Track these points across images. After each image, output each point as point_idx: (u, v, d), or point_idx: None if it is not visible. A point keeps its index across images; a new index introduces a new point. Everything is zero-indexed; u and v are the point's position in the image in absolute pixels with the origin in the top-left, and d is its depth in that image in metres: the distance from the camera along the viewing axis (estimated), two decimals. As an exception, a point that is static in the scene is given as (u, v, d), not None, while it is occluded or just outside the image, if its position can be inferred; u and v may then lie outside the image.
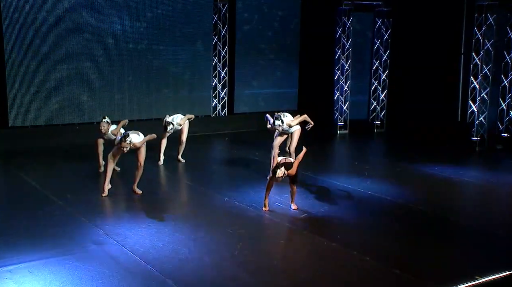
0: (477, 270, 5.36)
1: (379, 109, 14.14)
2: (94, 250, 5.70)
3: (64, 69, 11.43)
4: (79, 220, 6.61)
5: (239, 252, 5.73)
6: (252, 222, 6.81)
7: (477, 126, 11.62)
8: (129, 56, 12.18)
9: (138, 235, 6.17)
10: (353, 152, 12.32)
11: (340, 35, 13.40)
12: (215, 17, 13.27)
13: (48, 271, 5.18)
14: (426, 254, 5.84)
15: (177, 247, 5.91)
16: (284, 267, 5.60)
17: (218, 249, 5.86)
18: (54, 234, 6.14)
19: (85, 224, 6.46)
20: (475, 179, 9.37)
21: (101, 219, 6.72)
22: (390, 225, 6.82)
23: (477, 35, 11.36)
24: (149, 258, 5.51)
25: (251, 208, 7.24)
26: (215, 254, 5.71)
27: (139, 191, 7.69)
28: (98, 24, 11.70)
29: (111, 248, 5.78)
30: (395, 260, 5.64)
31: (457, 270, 5.48)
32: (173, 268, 5.34)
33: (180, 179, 8.95)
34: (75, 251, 5.64)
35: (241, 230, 6.40)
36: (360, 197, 7.99)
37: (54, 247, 5.73)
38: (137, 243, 5.92)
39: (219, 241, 6.09)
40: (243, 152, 11.18)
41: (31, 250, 5.63)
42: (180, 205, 7.73)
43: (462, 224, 6.92)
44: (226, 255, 5.68)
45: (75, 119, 11.68)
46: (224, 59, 13.60)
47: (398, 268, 5.39)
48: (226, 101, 13.88)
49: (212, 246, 5.94)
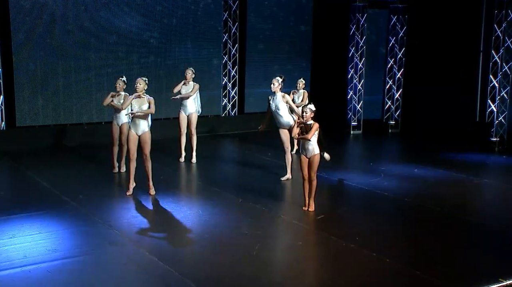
0: (500, 272, 5.47)
1: (394, 108, 14.25)
2: (111, 251, 5.87)
3: (72, 68, 11.63)
4: (93, 220, 6.78)
5: (257, 253, 5.88)
6: (268, 223, 6.96)
7: (497, 127, 11.71)
8: (139, 55, 12.38)
9: (153, 235, 6.34)
10: (368, 153, 12.43)
11: (354, 33, 13.53)
12: (225, 14, 13.44)
13: (66, 271, 5.35)
14: (447, 256, 5.97)
15: (194, 247, 6.07)
16: (303, 268, 5.74)
17: (235, 249, 6.01)
18: (70, 235, 6.31)
19: (100, 225, 6.63)
20: (495, 180, 9.48)
21: (116, 220, 6.89)
22: (409, 226, 6.95)
23: (497, 32, 11.45)
24: (167, 258, 5.66)
25: (266, 209, 7.39)
26: (232, 255, 5.86)
27: (153, 192, 7.85)
28: (107, 23, 11.91)
29: (128, 249, 5.95)
30: (415, 261, 5.77)
31: (479, 271, 5.60)
32: (191, 268, 5.49)
33: (192, 180, 9.13)
34: (92, 252, 5.81)
35: (258, 231, 6.54)
36: (377, 198, 8.12)
37: (71, 248, 5.91)
38: (154, 244, 6.08)
39: (236, 241, 6.24)
40: (255, 152, 11.33)
41: (48, 251, 5.79)
42: (194, 206, 7.87)
43: (482, 225, 7.04)
44: (243, 255, 5.82)
45: (83, 119, 11.87)
46: (235, 58, 13.77)
47: (419, 269, 5.52)
48: (236, 100, 14.04)
49: (229, 247, 6.09)
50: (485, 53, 12.23)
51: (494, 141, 11.70)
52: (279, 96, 8.48)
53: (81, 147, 11.18)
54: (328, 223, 6.95)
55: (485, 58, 12.19)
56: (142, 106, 7.59)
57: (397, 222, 7.17)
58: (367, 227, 6.91)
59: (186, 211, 7.42)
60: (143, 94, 7.63)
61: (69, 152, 10.91)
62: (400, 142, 13.55)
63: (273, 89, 8.50)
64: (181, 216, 7.17)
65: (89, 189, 8.14)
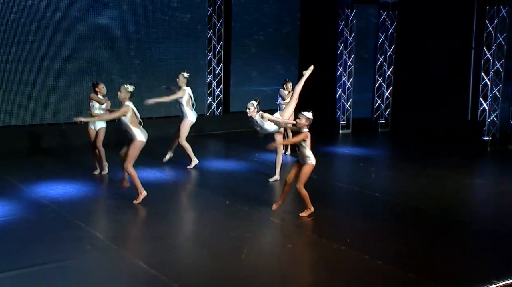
0: (492, 273, 5.60)
1: (384, 107, 14.42)
2: (94, 256, 5.88)
3: (49, 66, 11.58)
4: (75, 224, 6.78)
5: (246, 256, 5.94)
6: (257, 225, 7.03)
7: (489, 125, 11.91)
8: (119, 51, 12.36)
9: (139, 239, 6.37)
10: (357, 152, 12.55)
11: (343, 29, 13.67)
12: (209, 10, 13.48)
13: (47, 277, 5.36)
14: (439, 257, 6.08)
15: (180, 251, 6.12)
16: (294, 271, 5.81)
17: (224, 253, 6.06)
18: (51, 239, 6.30)
19: (82, 229, 6.63)
20: (487, 180, 9.66)
21: (99, 223, 6.92)
22: (401, 228, 7.06)
23: (489, 28, 11.66)
24: (153, 262, 5.69)
25: (254, 211, 7.45)
26: (221, 258, 5.91)
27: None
28: (86, 20, 11.87)
29: (112, 253, 5.96)
30: (408, 263, 5.87)
31: (472, 273, 5.72)
32: (178, 272, 5.53)
33: (179, 182, 9.14)
34: (74, 257, 5.81)
35: (246, 234, 6.61)
36: (368, 199, 8.23)
37: (53, 253, 5.89)
38: (139, 248, 6.12)
39: (224, 245, 6.29)
40: (241, 152, 11.40)
41: (28, 256, 5.78)
42: (181, 209, 7.93)
43: (475, 226, 7.18)
44: (232, 259, 5.87)
45: (61, 118, 11.83)
46: (220, 55, 13.81)
47: (412, 271, 5.62)
48: (221, 99, 14.09)
49: (217, 250, 6.14)
50: (476, 50, 12.44)
51: (486, 140, 11.90)
52: (258, 118, 8.37)
53: (59, 148, 11.14)
54: (319, 224, 7.03)
55: (476, 55, 12.40)
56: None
57: (388, 223, 7.28)
58: (358, 228, 7.00)
59: (172, 214, 7.45)
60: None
61: (47, 152, 10.86)
62: (390, 141, 13.70)
63: (249, 114, 8.30)
64: (166, 219, 7.20)
65: (69, 192, 8.13)
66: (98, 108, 9.01)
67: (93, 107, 9.02)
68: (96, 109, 9.00)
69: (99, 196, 8.10)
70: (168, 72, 13.04)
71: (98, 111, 9.00)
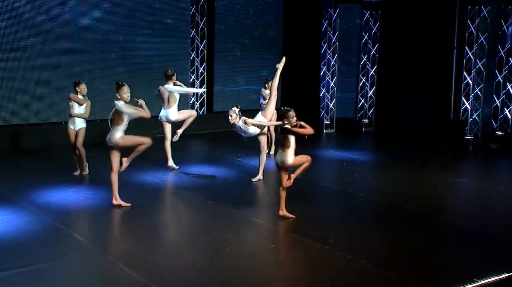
0: (475, 272, 5.63)
1: (367, 107, 14.47)
2: (74, 258, 5.80)
3: (30, 65, 11.43)
4: (55, 226, 6.69)
5: (228, 257, 5.90)
6: (240, 226, 6.99)
7: (471, 125, 12.00)
8: (100, 50, 12.24)
9: (120, 241, 6.30)
10: (341, 152, 12.57)
11: (326, 28, 13.69)
12: (192, 9, 13.41)
13: (25, 281, 5.27)
14: (422, 256, 6.10)
15: (162, 252, 6.06)
16: (277, 272, 5.79)
17: (205, 254, 6.02)
18: (30, 241, 6.20)
19: (62, 231, 6.54)
20: (469, 179, 9.73)
21: (79, 225, 6.83)
22: (384, 227, 7.08)
23: (470, 28, 11.75)
24: (134, 264, 5.63)
25: (237, 211, 7.42)
26: (203, 259, 5.87)
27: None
28: (68, 17, 11.75)
29: (93, 255, 5.89)
30: (391, 262, 5.88)
31: (454, 272, 5.74)
32: (159, 274, 5.47)
33: (161, 183, 9.07)
34: (53, 259, 5.73)
35: (229, 234, 6.57)
36: (351, 198, 8.25)
37: (31, 255, 5.80)
38: (120, 249, 6.05)
39: (206, 245, 6.25)
40: (224, 152, 11.36)
41: (5, 259, 5.69)
42: (163, 210, 7.86)
43: (457, 225, 7.22)
44: (214, 260, 5.84)
45: (42, 118, 11.69)
46: (203, 54, 13.76)
47: (395, 270, 5.63)
48: (204, 99, 14.03)
49: (199, 251, 6.10)
50: (459, 50, 12.54)
51: (468, 139, 12.00)
52: (241, 124, 8.24)
53: (40, 148, 10.99)
54: (302, 224, 7.01)
55: (459, 55, 12.49)
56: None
57: (372, 223, 7.29)
58: (341, 228, 7.01)
59: (154, 215, 7.38)
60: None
61: (27, 153, 10.72)
62: (374, 141, 13.76)
63: (232, 121, 8.15)
64: (148, 220, 7.13)
65: (48, 193, 8.03)
66: (78, 108, 8.90)
67: (72, 107, 8.91)
68: (75, 110, 8.89)
69: (79, 197, 7.99)
70: (151, 73, 12.98)
71: (77, 111, 8.90)
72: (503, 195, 8.73)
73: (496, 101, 12.14)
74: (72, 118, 8.92)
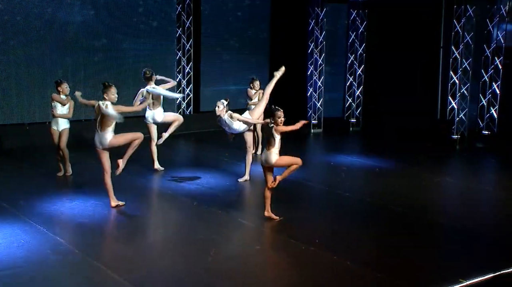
0: (460, 272, 5.60)
1: (355, 106, 14.45)
2: (54, 261, 5.69)
3: (12, 64, 11.28)
4: (35, 228, 6.57)
5: (213, 259, 5.83)
6: (224, 227, 6.92)
7: (457, 124, 12.03)
8: (84, 49, 12.11)
9: (102, 243, 6.20)
10: (328, 152, 12.55)
11: (313, 28, 13.65)
12: (178, 8, 13.31)
13: (3, 285, 5.16)
14: (408, 257, 6.07)
15: (146, 254, 5.97)
16: (262, 273, 5.72)
17: (190, 256, 5.94)
18: (8, 244, 6.08)
19: (42, 233, 6.43)
20: (456, 179, 9.73)
21: (60, 227, 6.71)
22: (370, 227, 7.04)
23: (457, 27, 11.77)
24: (117, 267, 5.54)
25: (223, 212, 7.35)
26: (187, 262, 5.79)
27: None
28: (50, 16, 11.60)
29: (74, 258, 5.78)
30: (377, 263, 5.84)
31: (440, 272, 5.71)
32: (143, 277, 5.39)
33: (145, 183, 8.97)
34: (33, 262, 5.62)
35: (214, 235, 6.50)
36: (338, 199, 8.20)
37: (9, 259, 5.68)
38: (102, 252, 5.95)
39: (191, 247, 6.17)
40: (211, 152, 11.28)
41: (-16, 261, 5.58)
42: (147, 211, 7.75)
43: (443, 225, 7.20)
44: (199, 262, 5.76)
45: (24, 118, 11.53)
46: (189, 54, 13.66)
47: (380, 271, 5.59)
48: (191, 98, 13.94)
49: (183, 253, 6.02)
50: (445, 49, 12.57)
51: (455, 139, 12.02)
52: (226, 118, 8.21)
53: (22, 149, 10.84)
54: (287, 225, 6.95)
55: (445, 54, 12.52)
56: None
57: (358, 223, 7.24)
58: (327, 229, 6.96)
59: (138, 216, 7.28)
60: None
61: (9, 154, 10.56)
62: (362, 141, 13.74)
63: (218, 113, 8.11)
64: (132, 221, 7.05)
65: (30, 194, 7.90)
66: (61, 108, 8.77)
67: (55, 108, 8.78)
68: (58, 110, 8.77)
69: (62, 198, 7.86)
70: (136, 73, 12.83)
71: (60, 111, 8.77)
72: (489, 195, 8.73)
73: (483, 100, 12.18)
74: (56, 118, 8.78)
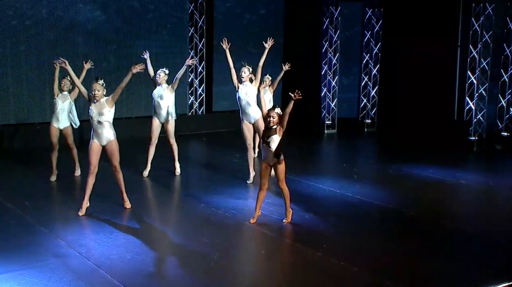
0: (474, 281, 5.38)
1: (370, 106, 14.19)
2: (54, 263, 5.59)
3: (22, 65, 11.26)
4: (38, 230, 6.49)
5: (216, 263, 5.67)
6: (230, 230, 6.76)
7: (475, 125, 11.71)
8: (95, 49, 12.03)
9: (104, 246, 6.07)
10: (342, 153, 12.35)
11: (327, 27, 13.42)
12: (191, 6, 13.19)
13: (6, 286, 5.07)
14: (419, 264, 5.84)
15: (147, 259, 5.83)
16: (265, 279, 5.55)
17: (192, 260, 5.80)
18: (10, 245, 6.01)
19: (45, 235, 6.35)
20: (473, 182, 9.44)
21: (64, 229, 6.61)
22: (381, 232, 6.82)
23: (475, 26, 11.45)
24: (116, 272, 5.41)
25: (229, 215, 7.20)
26: (189, 266, 5.65)
27: (128, 205, 7.35)
28: (59, 16, 11.54)
29: (74, 261, 5.67)
30: (386, 270, 5.63)
31: (453, 280, 5.48)
32: (143, 283, 5.26)
33: (153, 184, 8.84)
34: (33, 264, 5.52)
35: (218, 239, 6.34)
36: (348, 202, 7.98)
37: (10, 261, 5.60)
38: (103, 255, 5.82)
39: (194, 251, 6.03)
40: (222, 153, 11.14)
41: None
42: (152, 213, 7.63)
43: (458, 230, 6.93)
44: (201, 267, 5.62)
45: (35, 118, 11.50)
46: (201, 53, 13.53)
47: (390, 279, 5.38)
48: (203, 98, 13.81)
49: (186, 257, 5.88)
50: (462, 48, 12.24)
51: (472, 140, 11.70)
52: (249, 84, 8.60)
53: (31, 149, 10.80)
54: (295, 229, 6.78)
55: (463, 54, 12.20)
56: (102, 110, 6.95)
57: (367, 227, 7.02)
58: (335, 233, 6.76)
59: (142, 218, 7.15)
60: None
61: (18, 154, 10.53)
62: (376, 142, 13.49)
63: (244, 79, 8.58)
64: (136, 223, 6.93)
65: (37, 195, 7.83)
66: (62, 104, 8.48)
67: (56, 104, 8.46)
68: (59, 105, 8.46)
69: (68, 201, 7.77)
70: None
71: (61, 107, 8.46)
72: (507, 199, 8.43)
73: (502, 101, 11.83)
74: (56, 115, 8.49)
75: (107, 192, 7.71)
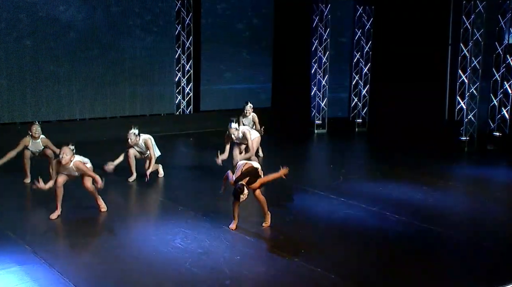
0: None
1: (361, 106, 13.96)
2: (15, 272, 5.31)
3: (3, 61, 10.99)
4: (6, 236, 6.21)
5: (187, 270, 5.42)
6: (206, 235, 6.48)
7: (466, 125, 11.47)
8: (80, 47, 11.78)
9: (72, 253, 5.83)
10: (330, 154, 12.11)
11: (317, 24, 13.18)
12: (178, 4, 12.93)
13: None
14: (407, 271, 5.58)
15: (116, 265, 5.57)
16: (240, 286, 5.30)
17: (164, 266, 5.54)
18: None
19: (11, 240, 6.08)
20: (464, 183, 9.21)
21: (32, 234, 6.35)
22: (366, 237, 6.55)
23: (465, 24, 11.20)
24: (81, 280, 5.15)
25: (208, 218, 6.94)
26: (159, 273, 5.39)
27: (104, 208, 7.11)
28: (46, 12, 11.29)
29: (37, 269, 5.39)
30: (366, 278, 5.38)
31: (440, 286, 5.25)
32: None
33: (131, 185, 8.57)
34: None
35: (193, 244, 6.09)
36: (331, 204, 7.73)
37: None
38: (70, 263, 5.57)
39: (166, 257, 5.77)
40: (209, 154, 10.81)
41: None
42: (125, 216, 7.33)
43: (446, 235, 6.65)
44: (172, 273, 5.36)
45: (15, 117, 11.25)
46: (189, 51, 13.28)
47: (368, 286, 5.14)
48: (191, 97, 13.57)
49: (157, 263, 5.62)
50: (453, 47, 12.01)
51: (463, 140, 11.47)
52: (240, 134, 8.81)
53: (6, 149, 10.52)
54: (272, 234, 6.53)
55: (453, 52, 11.97)
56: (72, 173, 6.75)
57: (349, 232, 6.75)
58: (315, 238, 6.49)
59: (116, 223, 6.89)
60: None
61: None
62: (367, 142, 13.28)
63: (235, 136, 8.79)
64: (108, 228, 6.68)
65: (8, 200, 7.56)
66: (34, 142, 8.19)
67: None
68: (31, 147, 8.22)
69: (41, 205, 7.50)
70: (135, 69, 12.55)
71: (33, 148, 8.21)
72: (499, 202, 8.17)
73: (494, 100, 11.60)
74: (33, 141, 8.21)
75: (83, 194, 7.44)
